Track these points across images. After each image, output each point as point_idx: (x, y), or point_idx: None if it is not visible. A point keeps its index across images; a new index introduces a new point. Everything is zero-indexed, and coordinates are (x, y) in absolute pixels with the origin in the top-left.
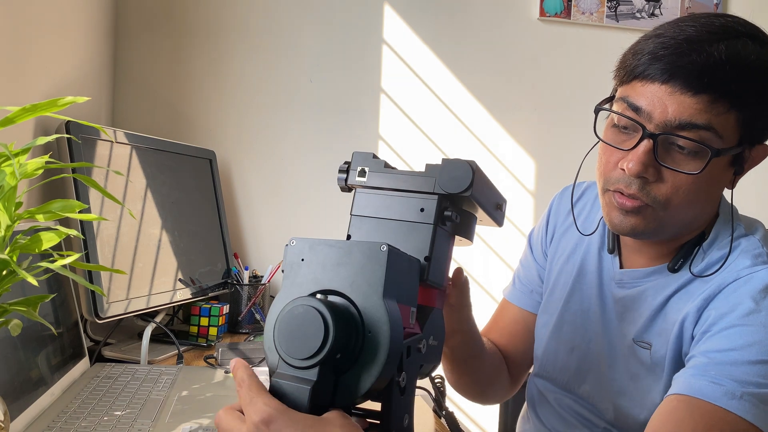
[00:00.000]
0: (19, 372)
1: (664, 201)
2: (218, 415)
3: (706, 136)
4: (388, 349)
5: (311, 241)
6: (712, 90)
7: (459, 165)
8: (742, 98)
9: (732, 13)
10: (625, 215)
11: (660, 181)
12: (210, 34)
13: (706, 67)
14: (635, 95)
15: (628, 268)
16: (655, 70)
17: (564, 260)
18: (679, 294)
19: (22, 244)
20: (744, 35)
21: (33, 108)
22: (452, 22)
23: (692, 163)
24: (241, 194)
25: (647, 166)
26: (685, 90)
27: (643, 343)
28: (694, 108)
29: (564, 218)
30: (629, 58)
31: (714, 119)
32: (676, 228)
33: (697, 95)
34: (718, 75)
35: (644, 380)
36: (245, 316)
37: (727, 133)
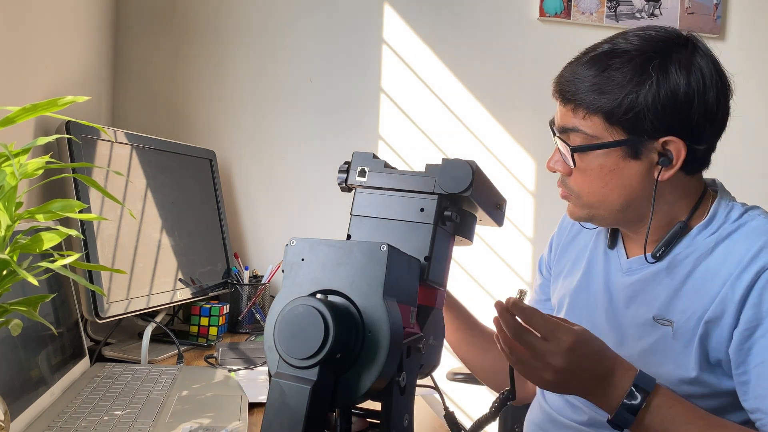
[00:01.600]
0: (19, 372)
1: (577, 191)
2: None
3: (575, 137)
4: (388, 349)
5: (311, 241)
6: (572, 101)
7: (459, 165)
8: (595, 103)
9: (731, 12)
10: (567, 204)
11: (570, 176)
12: (210, 34)
13: (567, 83)
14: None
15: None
16: (553, 90)
17: (571, 265)
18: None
19: (23, 244)
20: (601, 57)
21: (33, 108)
22: (452, 22)
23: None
24: (241, 194)
25: (555, 162)
26: (561, 102)
27: (664, 321)
28: (565, 115)
29: (567, 231)
30: None
31: (579, 122)
32: (613, 216)
33: (566, 105)
34: (572, 88)
35: (661, 355)
36: (245, 316)
37: (598, 132)
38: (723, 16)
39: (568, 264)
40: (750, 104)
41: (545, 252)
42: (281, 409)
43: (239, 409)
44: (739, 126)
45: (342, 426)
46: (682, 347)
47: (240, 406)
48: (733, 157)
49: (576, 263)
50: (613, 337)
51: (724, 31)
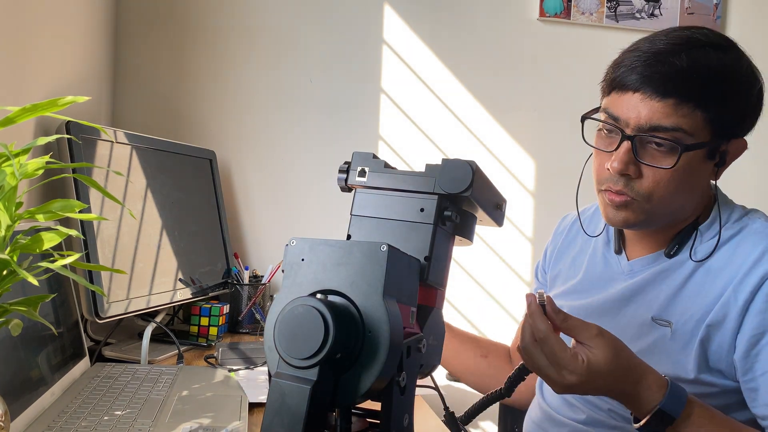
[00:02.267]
0: (19, 372)
1: (647, 194)
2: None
3: (675, 135)
4: (388, 349)
5: (311, 241)
6: (676, 94)
7: (459, 165)
8: (704, 99)
9: (731, 12)
10: (616, 210)
11: (641, 177)
12: (210, 34)
13: (669, 75)
14: (614, 106)
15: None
16: (630, 81)
17: (568, 269)
18: (698, 274)
19: (23, 244)
20: (706, 45)
21: (33, 108)
22: (452, 22)
23: (667, 159)
24: (241, 194)
25: (627, 164)
26: (653, 96)
27: (662, 321)
28: (662, 111)
29: (564, 237)
30: (610, 71)
31: (680, 120)
32: (665, 217)
33: (663, 100)
34: (680, 80)
35: (658, 355)
36: (245, 316)
37: (696, 131)
38: (723, 16)
39: (563, 269)
40: None
41: (540, 259)
42: (281, 409)
43: (239, 409)
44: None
45: (342, 426)
46: (680, 348)
47: (240, 406)
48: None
49: (573, 268)
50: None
51: (724, 31)
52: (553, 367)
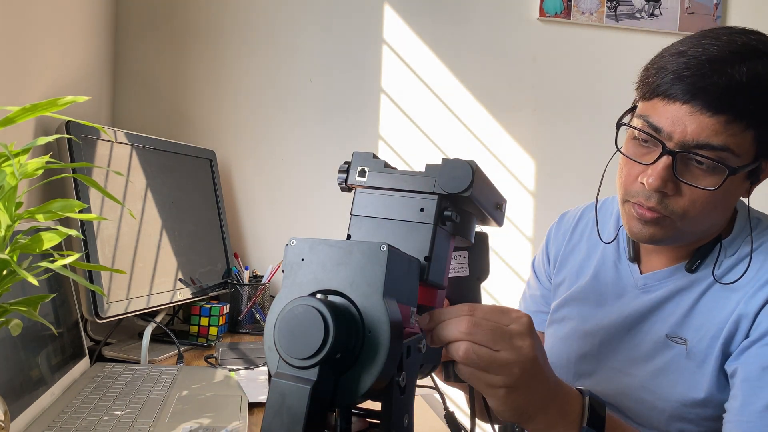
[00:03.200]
0: (19, 372)
1: (681, 213)
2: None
3: (722, 155)
4: (388, 349)
5: (311, 241)
6: (731, 111)
7: (459, 165)
8: (758, 118)
9: (731, 13)
10: (644, 224)
11: (678, 195)
12: (210, 34)
13: (727, 89)
14: (656, 114)
15: (648, 272)
16: (678, 90)
17: (575, 275)
18: (715, 289)
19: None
20: (764, 55)
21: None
22: (452, 22)
23: (709, 179)
24: (241, 194)
25: (666, 181)
26: (705, 110)
27: (678, 339)
28: (712, 128)
29: (567, 242)
30: (652, 74)
31: (730, 139)
32: (693, 235)
33: (715, 115)
34: (738, 97)
35: (673, 374)
36: (245, 316)
37: (743, 151)
38: (723, 16)
39: (569, 275)
40: None
41: (542, 260)
42: (281, 409)
43: (239, 409)
44: None
45: (342, 426)
46: (696, 367)
47: (240, 406)
48: None
49: (579, 276)
50: (624, 355)
51: None
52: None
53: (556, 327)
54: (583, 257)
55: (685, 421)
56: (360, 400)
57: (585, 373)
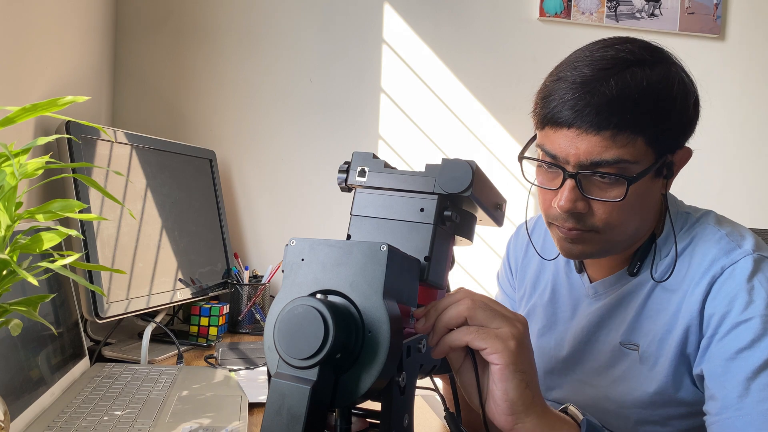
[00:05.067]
0: (19, 372)
1: (602, 225)
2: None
3: (619, 167)
4: (388, 349)
5: (311, 241)
6: (611, 125)
7: (459, 165)
8: (640, 124)
9: (731, 12)
10: (572, 243)
11: (592, 212)
12: (210, 34)
13: (602, 106)
14: (550, 142)
15: (597, 280)
16: (561, 117)
17: (531, 288)
18: (657, 291)
19: (23, 244)
20: (632, 64)
21: (33, 108)
22: (452, 21)
23: (615, 190)
24: (241, 194)
25: (575, 202)
26: (589, 130)
27: (631, 345)
28: (601, 145)
29: (523, 253)
30: (539, 104)
31: (621, 150)
32: (623, 242)
33: (600, 133)
34: (613, 111)
35: (631, 381)
36: (245, 316)
37: (639, 157)
38: (723, 16)
39: (527, 288)
40: (750, 104)
41: (505, 271)
42: (281, 410)
43: (239, 409)
44: (740, 126)
45: (342, 426)
46: (648, 371)
47: (240, 406)
48: (733, 157)
49: (535, 288)
50: (587, 366)
51: (724, 31)
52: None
53: None
54: (536, 271)
55: (652, 423)
56: (360, 400)
57: (553, 386)
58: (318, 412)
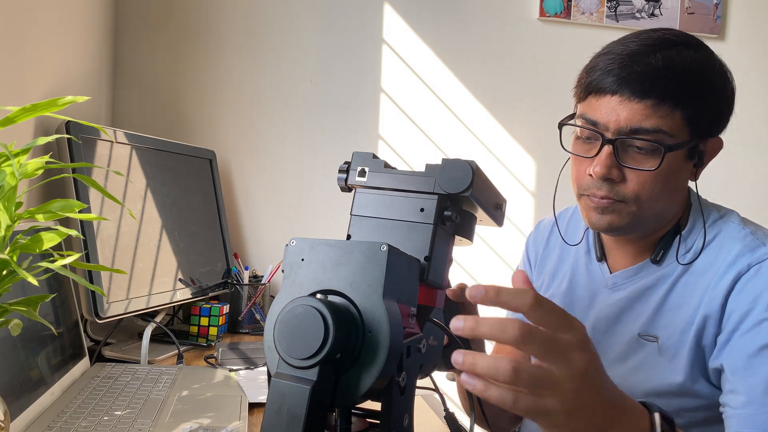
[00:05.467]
0: (19, 372)
1: (633, 197)
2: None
3: (657, 136)
4: (388, 349)
5: (311, 241)
6: (654, 94)
7: (459, 165)
8: (682, 98)
9: (731, 12)
10: (601, 213)
11: (624, 181)
12: (210, 34)
13: (646, 75)
14: (592, 110)
15: (617, 271)
16: (606, 84)
17: (549, 279)
18: (680, 285)
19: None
20: (678, 44)
21: (33, 108)
22: (452, 21)
23: (650, 161)
24: (241, 194)
25: (610, 168)
26: (632, 97)
27: (650, 336)
28: (642, 113)
29: (544, 246)
30: (584, 76)
31: (660, 121)
32: (649, 221)
33: (642, 101)
34: (657, 81)
35: (647, 371)
36: (245, 316)
37: (676, 131)
38: (723, 16)
39: (545, 279)
40: (750, 104)
41: (523, 265)
42: (281, 410)
43: (239, 409)
44: (739, 125)
45: (342, 426)
46: (668, 362)
47: (240, 406)
48: (733, 157)
49: (553, 279)
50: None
51: (724, 31)
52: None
53: None
54: (556, 261)
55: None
56: (360, 400)
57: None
58: (318, 412)
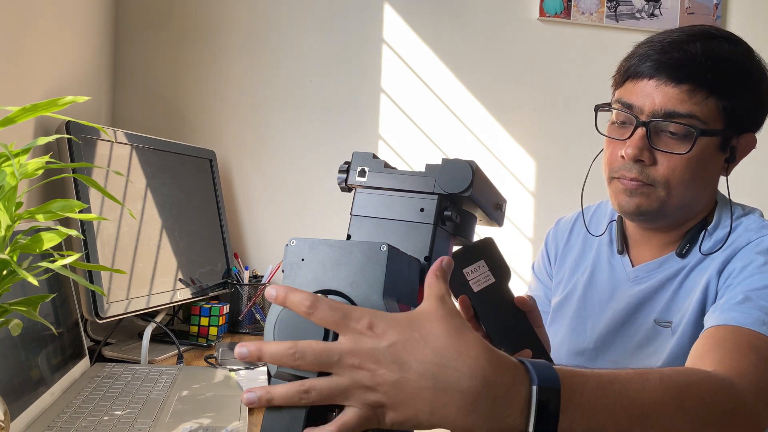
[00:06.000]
0: (19, 372)
1: (663, 181)
2: (296, 349)
3: (690, 121)
4: None
5: (311, 241)
6: (690, 80)
7: (459, 165)
8: (718, 87)
9: (731, 12)
10: (630, 196)
11: (656, 164)
12: (210, 34)
13: (684, 61)
14: (628, 95)
15: (639, 264)
16: (644, 69)
17: (570, 273)
18: (694, 272)
19: (23, 244)
20: (718, 37)
21: (33, 108)
22: (452, 21)
23: (682, 146)
24: (241, 194)
25: (642, 150)
26: (668, 82)
27: (665, 323)
28: (677, 97)
29: (564, 241)
30: (623, 64)
31: (695, 107)
32: (677, 210)
33: (678, 86)
34: (695, 67)
35: (662, 355)
36: (245, 316)
37: (709, 119)
38: (723, 16)
39: (566, 273)
40: None
41: (542, 262)
42: (281, 409)
43: (239, 409)
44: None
45: None
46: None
47: (240, 406)
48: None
49: (574, 273)
50: (621, 347)
51: None
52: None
53: (556, 326)
54: (578, 255)
55: None
56: None
57: (583, 368)
58: (318, 411)
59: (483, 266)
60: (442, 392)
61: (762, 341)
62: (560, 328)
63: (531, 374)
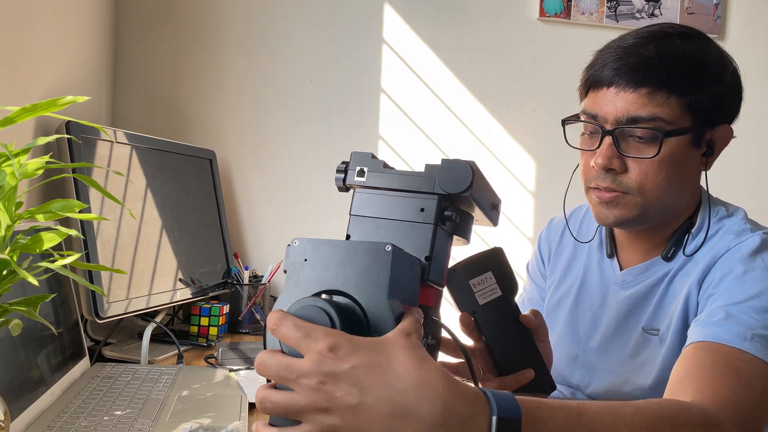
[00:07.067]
0: (19, 372)
1: (637, 187)
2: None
3: (655, 124)
4: None
5: (314, 241)
6: (648, 83)
7: (459, 165)
8: (677, 85)
9: (731, 12)
10: (607, 207)
11: (627, 171)
12: (210, 34)
13: (639, 65)
14: (591, 105)
15: (628, 268)
16: (602, 77)
17: (561, 276)
18: (677, 277)
19: (23, 244)
20: (672, 35)
21: (33, 108)
22: (452, 21)
23: (650, 149)
24: (241, 194)
25: (611, 159)
26: (627, 88)
27: (652, 330)
28: (638, 102)
29: (557, 242)
30: (584, 73)
31: (657, 109)
32: (658, 212)
33: (637, 90)
34: (650, 69)
35: (651, 364)
36: (245, 316)
37: (674, 118)
38: (723, 16)
39: (558, 276)
40: (749, 104)
41: (535, 263)
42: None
43: (239, 409)
44: (738, 125)
45: None
46: (667, 351)
47: (240, 406)
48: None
49: (566, 276)
50: (613, 355)
51: (724, 31)
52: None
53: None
54: (569, 258)
55: None
56: None
57: (574, 372)
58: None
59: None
60: (399, 419)
61: (743, 361)
62: (553, 333)
63: (491, 405)
